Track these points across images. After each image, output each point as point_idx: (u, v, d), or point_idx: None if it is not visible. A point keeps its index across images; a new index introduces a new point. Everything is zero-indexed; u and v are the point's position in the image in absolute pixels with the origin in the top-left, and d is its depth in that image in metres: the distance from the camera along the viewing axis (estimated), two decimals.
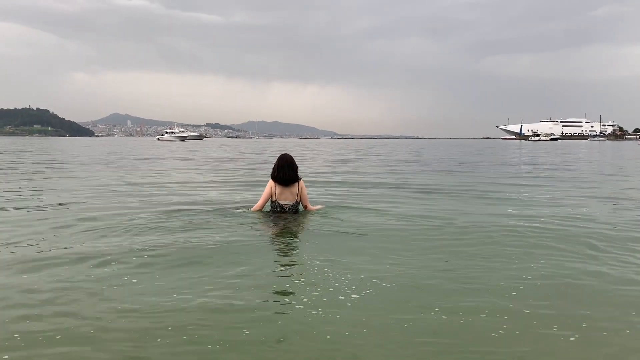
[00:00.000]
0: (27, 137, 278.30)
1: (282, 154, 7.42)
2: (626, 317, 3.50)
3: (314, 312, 3.55)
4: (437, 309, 3.61)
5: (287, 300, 3.85)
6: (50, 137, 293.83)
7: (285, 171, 7.17)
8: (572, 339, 3.12)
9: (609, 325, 3.35)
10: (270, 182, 7.29)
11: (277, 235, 6.26)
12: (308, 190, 7.71)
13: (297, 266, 4.85)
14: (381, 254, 5.21)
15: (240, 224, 6.72)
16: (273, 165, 7.32)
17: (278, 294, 3.98)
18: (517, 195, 10.41)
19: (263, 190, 7.49)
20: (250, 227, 6.55)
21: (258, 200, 7.54)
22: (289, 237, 6.18)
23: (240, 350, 2.97)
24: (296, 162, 7.37)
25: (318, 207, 7.81)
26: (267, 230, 6.50)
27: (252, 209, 7.45)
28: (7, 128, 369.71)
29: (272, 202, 7.34)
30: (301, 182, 7.40)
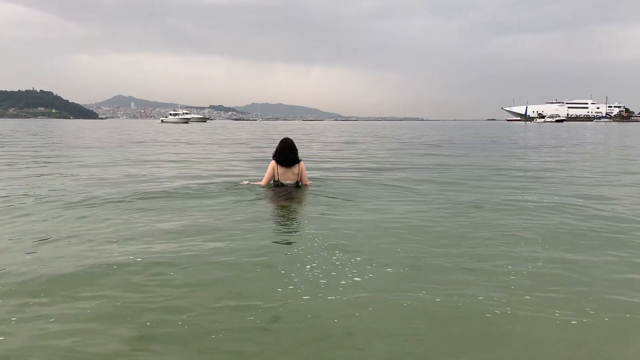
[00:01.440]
0: (31, 119, 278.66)
1: (284, 138, 7.96)
2: (630, 302, 3.45)
3: (311, 292, 3.54)
4: (435, 290, 3.58)
5: (286, 278, 3.84)
6: (54, 119, 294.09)
7: (287, 154, 7.78)
8: (573, 322, 3.09)
9: (612, 310, 3.29)
10: (273, 163, 7.86)
11: (280, 214, 6.45)
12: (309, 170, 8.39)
13: (297, 244, 4.88)
14: (384, 233, 5.25)
15: (243, 200, 7.04)
16: (275, 148, 7.90)
17: (278, 271, 4.00)
18: (525, 177, 10.38)
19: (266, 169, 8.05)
20: (251, 204, 6.82)
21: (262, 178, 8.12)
22: (291, 215, 6.37)
23: (235, 331, 2.96)
24: (296, 146, 7.95)
25: (309, 183, 8.22)
26: (270, 208, 6.75)
27: (255, 184, 8.08)
28: (11, 110, 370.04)
29: (275, 181, 7.88)
30: (301, 163, 8.01)
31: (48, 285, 3.66)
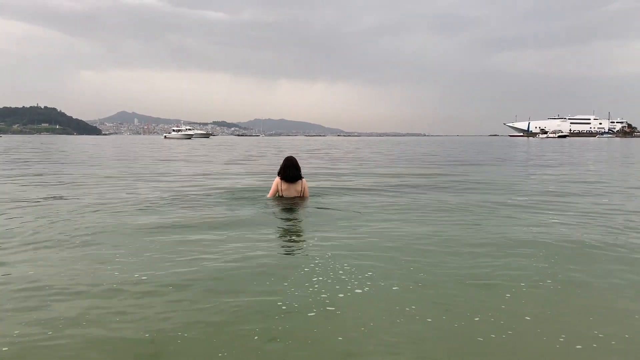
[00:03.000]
0: (34, 135, 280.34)
1: (288, 157, 8.50)
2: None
3: (314, 307, 3.54)
4: (436, 308, 3.54)
5: (289, 292, 3.85)
6: (58, 135, 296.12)
7: (291, 170, 8.31)
8: (578, 346, 2.98)
9: (623, 335, 3.17)
10: (277, 180, 8.42)
11: (283, 226, 6.60)
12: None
13: (300, 257, 4.92)
14: (386, 246, 5.27)
15: (248, 212, 7.48)
16: (280, 165, 8.44)
17: (282, 284, 4.02)
18: (530, 189, 10.27)
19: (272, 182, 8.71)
20: (255, 215, 7.18)
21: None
22: (293, 227, 6.50)
23: (237, 347, 2.94)
24: (299, 164, 8.50)
25: (308, 195, 8.73)
26: (273, 220, 6.96)
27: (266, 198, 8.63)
28: (15, 126, 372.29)
29: (279, 196, 8.37)
30: (304, 180, 8.53)
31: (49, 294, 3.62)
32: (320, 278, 4.15)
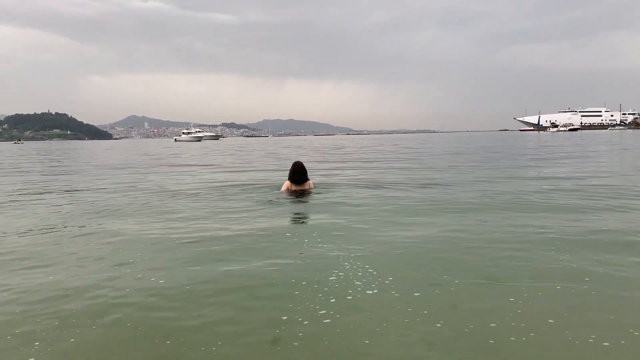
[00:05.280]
0: (47, 141, 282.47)
1: (296, 162, 9.90)
2: None
3: (325, 306, 3.54)
4: (451, 310, 3.47)
5: (298, 290, 3.87)
6: (69, 140, 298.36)
7: (299, 175, 9.69)
8: (605, 343, 2.92)
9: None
10: (287, 183, 9.78)
11: (293, 223, 6.81)
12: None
13: (311, 257, 4.89)
14: (399, 246, 5.24)
15: (260, 208, 7.96)
16: (289, 170, 9.82)
17: (297, 285, 4.02)
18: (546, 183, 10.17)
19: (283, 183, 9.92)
20: (267, 212, 7.58)
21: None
22: (304, 226, 6.59)
23: (236, 347, 2.97)
24: (306, 168, 9.80)
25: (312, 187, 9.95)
26: (285, 216, 7.33)
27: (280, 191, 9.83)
28: (27, 133, 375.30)
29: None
30: (310, 182, 9.90)
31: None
32: (333, 278, 4.13)
